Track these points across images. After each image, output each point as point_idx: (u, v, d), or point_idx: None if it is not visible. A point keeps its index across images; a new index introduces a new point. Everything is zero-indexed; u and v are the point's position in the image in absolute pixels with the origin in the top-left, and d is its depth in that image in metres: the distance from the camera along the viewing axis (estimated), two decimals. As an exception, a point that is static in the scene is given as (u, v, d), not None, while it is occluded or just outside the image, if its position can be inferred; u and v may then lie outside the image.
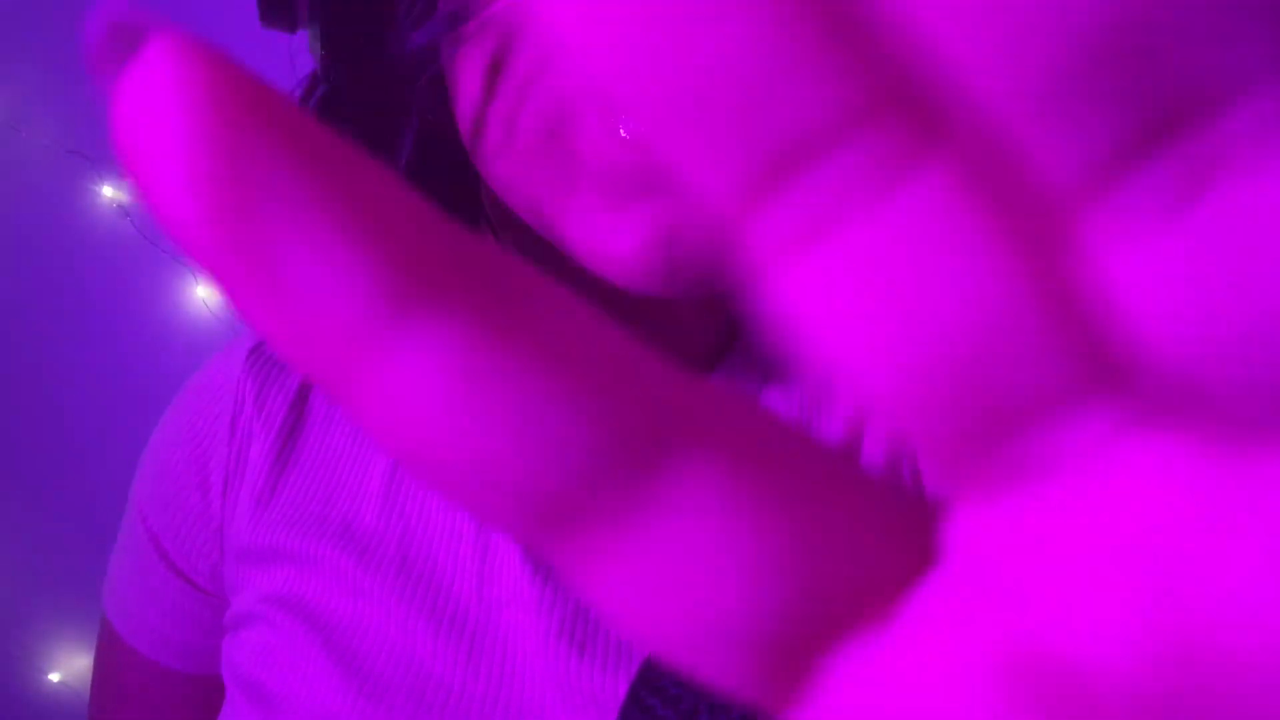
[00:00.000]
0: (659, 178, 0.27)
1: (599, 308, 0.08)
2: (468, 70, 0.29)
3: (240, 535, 0.41)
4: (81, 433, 1.01)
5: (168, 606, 0.45)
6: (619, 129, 0.27)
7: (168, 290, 1.01)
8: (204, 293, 1.01)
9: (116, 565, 0.47)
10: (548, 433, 0.07)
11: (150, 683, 0.47)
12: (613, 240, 0.28)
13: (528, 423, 0.07)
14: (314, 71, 0.34)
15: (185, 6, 0.92)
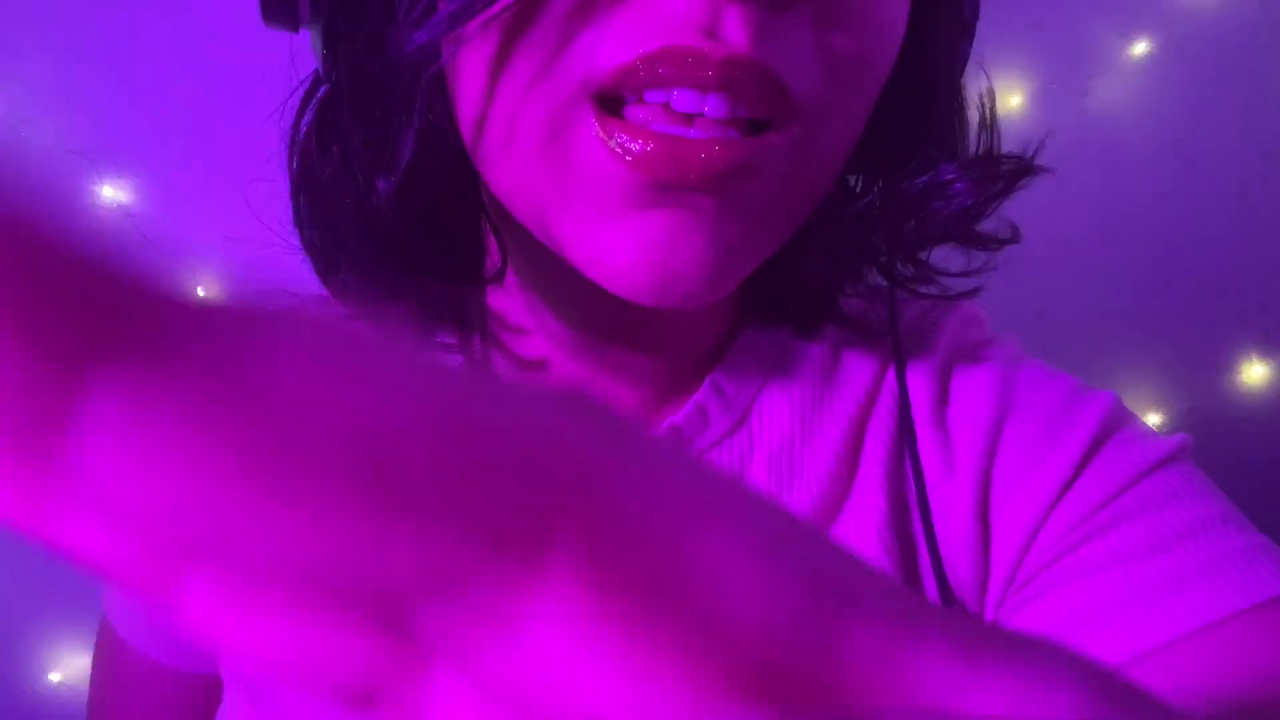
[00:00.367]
0: (656, 191, 0.27)
1: (601, 309, 0.08)
2: (469, 71, 0.29)
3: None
4: (81, 433, 1.01)
5: None
6: (614, 140, 0.27)
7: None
8: (204, 293, 1.01)
9: None
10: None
11: (149, 681, 0.47)
12: (608, 253, 0.28)
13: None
14: (316, 71, 0.34)
15: (187, 7, 0.92)
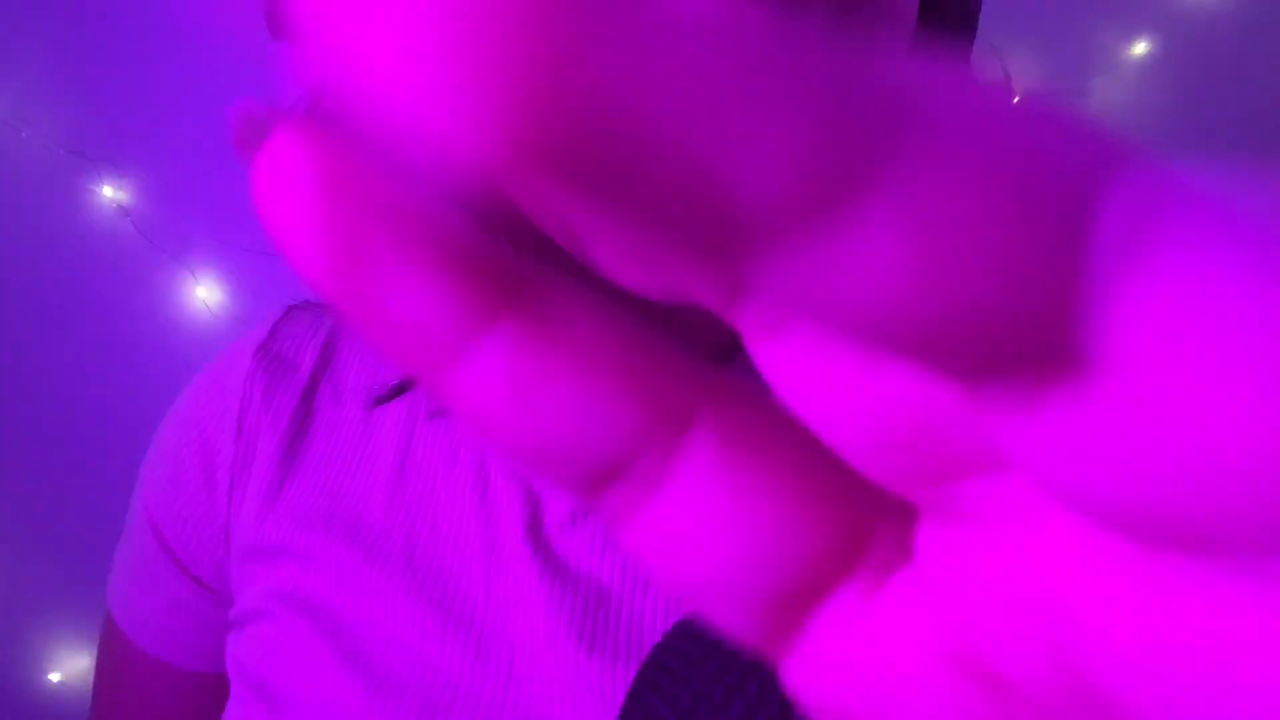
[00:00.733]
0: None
1: (618, 307, 0.10)
2: None
3: (247, 532, 0.41)
4: (81, 432, 1.01)
5: (172, 603, 0.44)
6: None
7: (168, 290, 1.01)
8: (204, 293, 1.01)
9: (121, 561, 0.47)
10: (585, 421, 0.09)
11: (153, 679, 0.47)
12: None
13: (569, 413, 0.09)
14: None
15: (200, 15, 0.92)
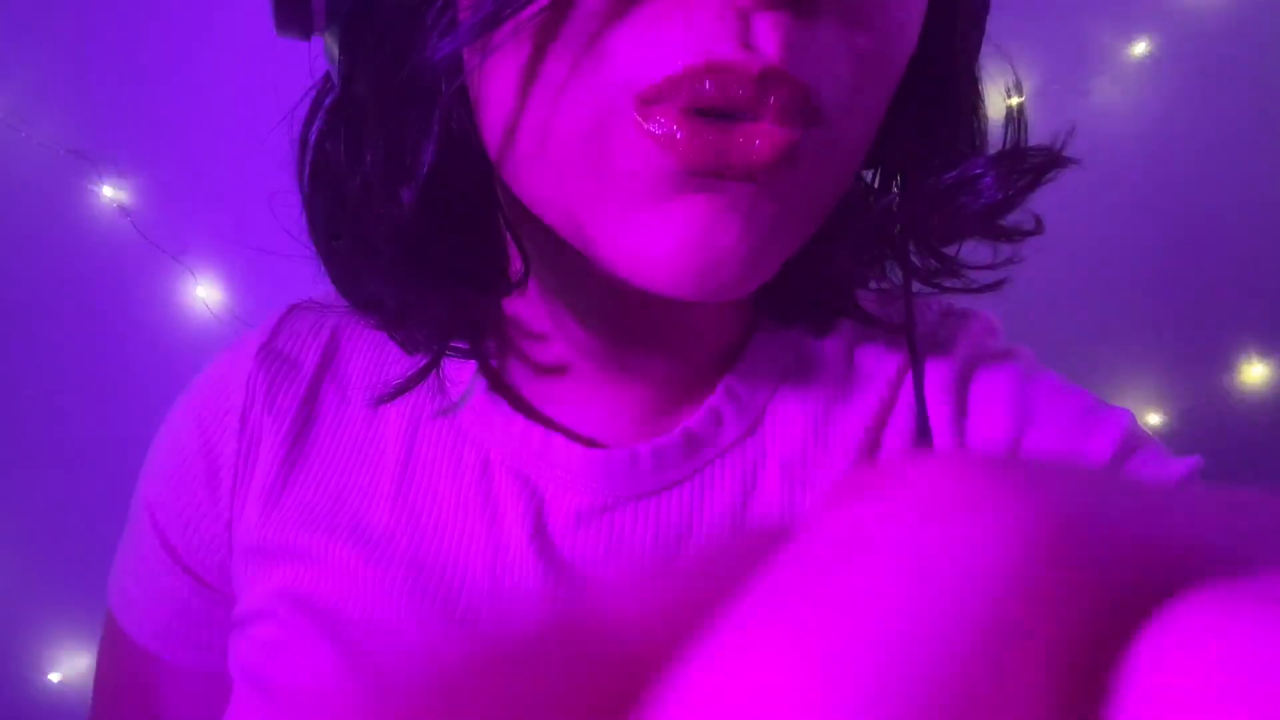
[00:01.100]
0: (696, 179, 0.26)
1: (622, 312, 0.08)
2: (498, 79, 0.28)
3: (249, 531, 0.41)
4: (81, 433, 1.01)
5: (173, 601, 0.44)
6: (655, 123, 0.26)
7: (168, 290, 1.01)
8: (204, 293, 1.01)
9: (122, 560, 0.47)
10: None
11: (154, 679, 0.46)
12: (648, 242, 0.27)
13: None
14: (326, 74, 0.34)
15: (200, 15, 0.92)
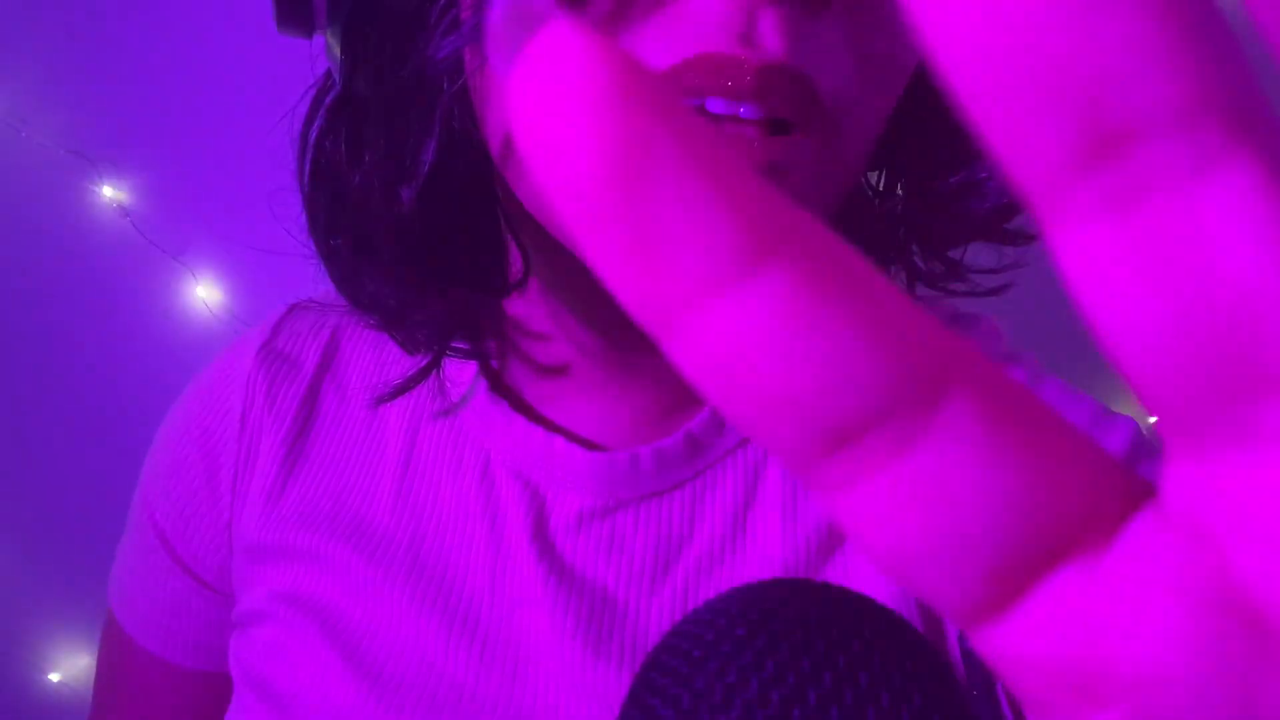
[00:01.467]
0: None
1: (622, 314, 0.09)
2: (500, 78, 0.28)
3: (250, 532, 0.41)
4: (81, 432, 1.01)
5: (173, 601, 0.44)
6: None
7: (168, 290, 1.01)
8: (204, 293, 1.01)
9: (123, 559, 0.47)
10: (850, 374, 0.09)
11: (154, 679, 0.46)
12: None
13: (834, 365, 0.09)
14: (326, 71, 0.34)
15: (200, 14, 0.91)
